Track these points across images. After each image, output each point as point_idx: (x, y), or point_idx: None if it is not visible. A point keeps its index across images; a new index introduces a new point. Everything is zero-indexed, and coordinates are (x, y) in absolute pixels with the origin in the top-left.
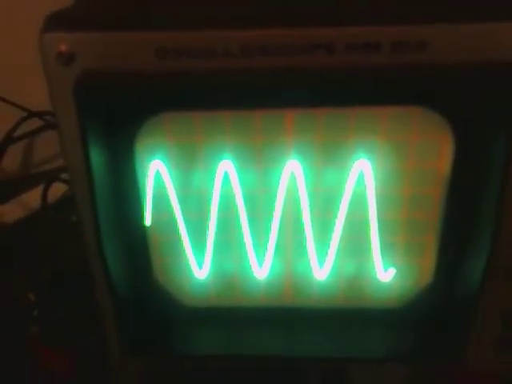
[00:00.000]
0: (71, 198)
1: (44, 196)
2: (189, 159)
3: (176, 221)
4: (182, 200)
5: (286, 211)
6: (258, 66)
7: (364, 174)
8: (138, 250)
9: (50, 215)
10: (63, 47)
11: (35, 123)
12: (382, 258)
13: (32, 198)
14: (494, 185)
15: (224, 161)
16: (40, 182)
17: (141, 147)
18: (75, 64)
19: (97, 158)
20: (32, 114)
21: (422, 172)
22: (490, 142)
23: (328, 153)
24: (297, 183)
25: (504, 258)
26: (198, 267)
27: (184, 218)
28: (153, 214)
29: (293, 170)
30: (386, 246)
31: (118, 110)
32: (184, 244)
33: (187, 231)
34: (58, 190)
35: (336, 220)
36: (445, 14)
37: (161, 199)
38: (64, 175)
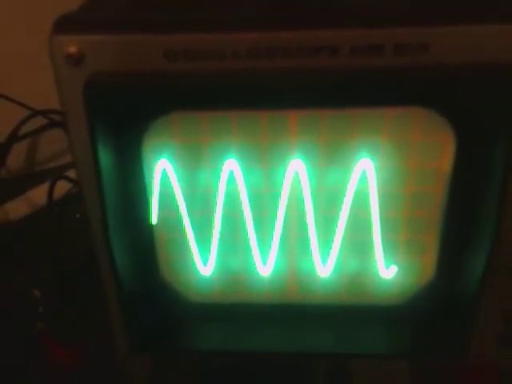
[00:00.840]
0: (75, 196)
1: (50, 193)
2: (195, 159)
3: (182, 219)
4: (188, 198)
5: (290, 210)
6: (264, 68)
7: (367, 173)
8: (145, 247)
9: (54, 212)
10: (72, 49)
11: (39, 121)
12: (384, 255)
13: (37, 196)
14: (495, 184)
15: (229, 160)
16: (44, 180)
17: (148, 147)
18: (84, 65)
19: (105, 157)
20: (36, 113)
21: (423, 171)
22: (490, 142)
23: (331, 152)
24: (301, 182)
25: (504, 257)
26: (203, 264)
27: (189, 217)
28: (159, 212)
29: (297, 170)
30: (388, 244)
31: (126, 111)
32: (189, 242)
33: (193, 229)
34: (62, 187)
35: (339, 218)
36: (446, 16)
37: (167, 198)
38: (68, 173)
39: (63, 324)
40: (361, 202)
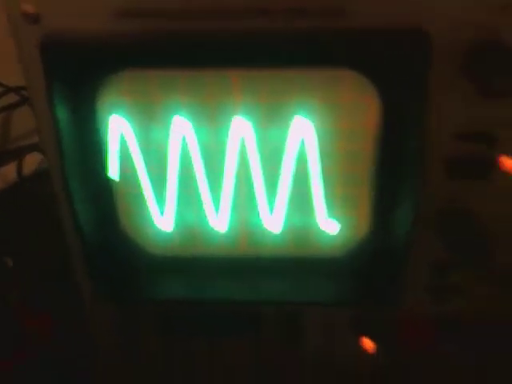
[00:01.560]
0: (47, 170)
1: (19, 167)
2: (147, 116)
3: (139, 174)
4: (144, 154)
5: (238, 168)
6: (206, 28)
7: (304, 132)
8: (105, 200)
9: (26, 187)
10: (28, 7)
11: (12, 98)
12: (326, 210)
13: (9, 172)
14: (415, 140)
15: (179, 118)
16: (17, 157)
17: (101, 104)
18: (40, 24)
19: (62, 113)
20: (9, 90)
21: (354, 130)
22: (409, 101)
23: (271, 112)
24: (246, 141)
25: (430, 208)
26: (161, 219)
27: (147, 172)
28: (117, 167)
29: (242, 128)
30: (327, 200)
31: (80, 68)
32: (147, 196)
33: (150, 184)
34: (33, 162)
35: (282, 176)
36: None
37: (124, 153)
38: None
39: (37, 293)
40: (300, 159)
